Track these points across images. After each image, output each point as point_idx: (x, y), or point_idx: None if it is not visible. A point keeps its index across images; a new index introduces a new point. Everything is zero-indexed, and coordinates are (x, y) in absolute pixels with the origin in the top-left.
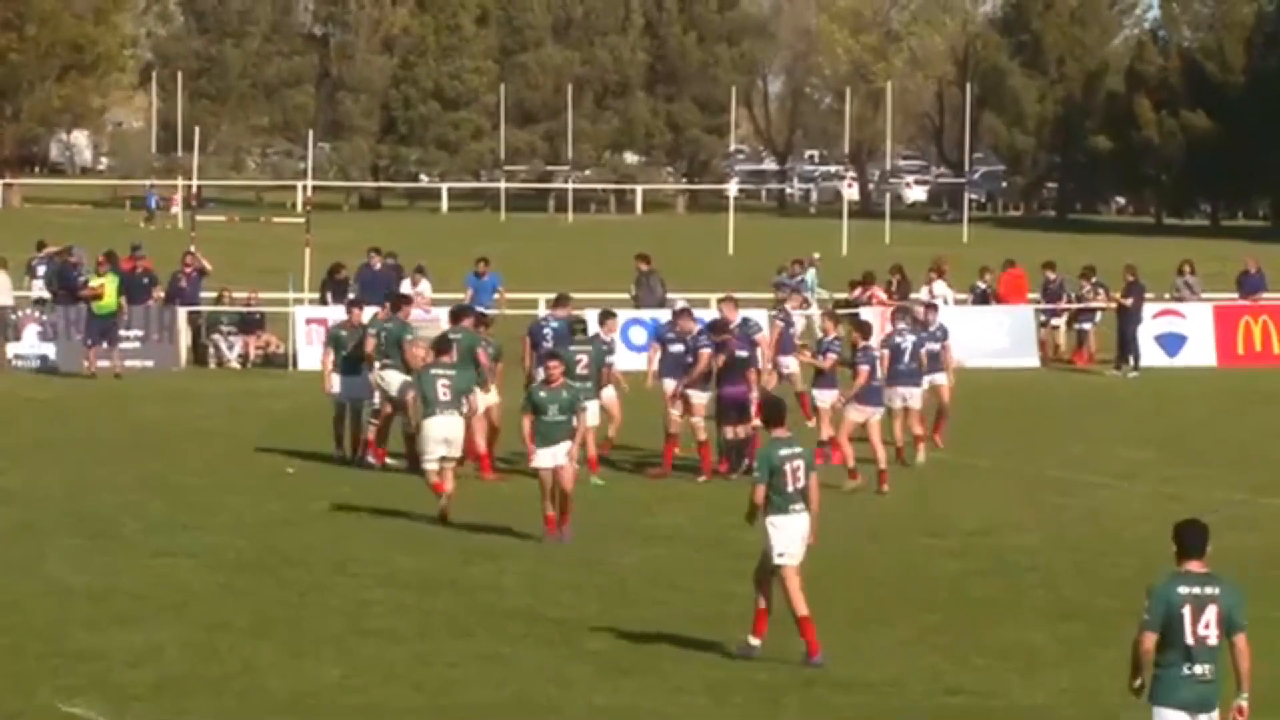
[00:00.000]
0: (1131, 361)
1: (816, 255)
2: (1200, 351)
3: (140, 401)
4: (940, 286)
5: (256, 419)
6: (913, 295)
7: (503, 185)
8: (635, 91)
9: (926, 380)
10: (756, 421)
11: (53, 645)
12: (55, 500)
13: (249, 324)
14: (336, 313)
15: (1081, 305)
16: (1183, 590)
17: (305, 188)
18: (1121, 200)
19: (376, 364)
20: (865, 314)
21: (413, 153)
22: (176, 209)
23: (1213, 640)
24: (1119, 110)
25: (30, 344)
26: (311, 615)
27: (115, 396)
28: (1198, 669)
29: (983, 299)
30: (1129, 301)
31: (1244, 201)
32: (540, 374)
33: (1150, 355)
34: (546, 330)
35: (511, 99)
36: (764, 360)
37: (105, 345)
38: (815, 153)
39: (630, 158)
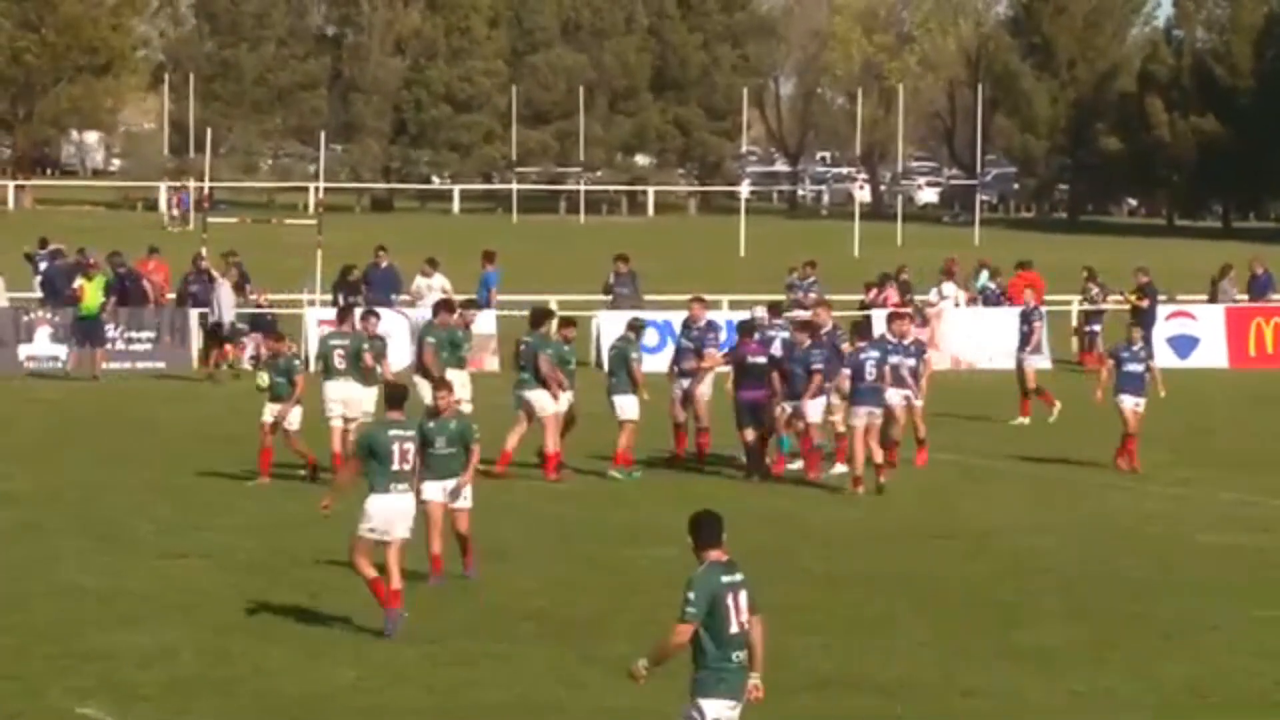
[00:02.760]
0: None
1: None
2: (1212, 353)
3: (151, 403)
4: (949, 288)
5: None
6: (918, 298)
7: (514, 187)
8: (643, 94)
9: (898, 395)
10: (786, 407)
11: (62, 646)
12: (65, 501)
13: (261, 326)
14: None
15: (1096, 307)
16: (724, 579)
17: (317, 189)
18: (1133, 202)
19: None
20: (876, 316)
21: (424, 154)
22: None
23: (746, 626)
24: (1131, 112)
25: (43, 345)
26: (323, 617)
27: (125, 398)
28: (739, 655)
29: (995, 300)
30: (1145, 303)
31: (1255, 203)
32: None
33: (1162, 357)
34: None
35: (523, 101)
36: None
37: (89, 347)
38: (827, 154)
39: (642, 160)
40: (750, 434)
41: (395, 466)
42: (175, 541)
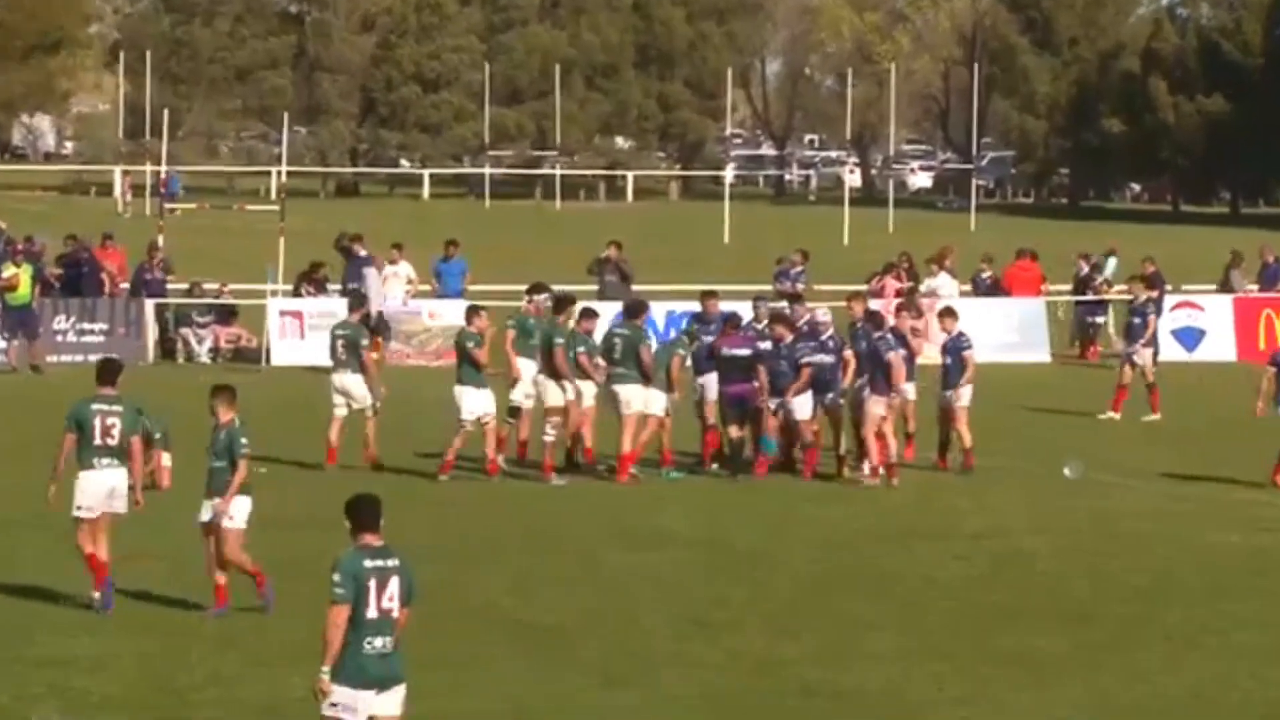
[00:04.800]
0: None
1: (1110, 251)
2: (1220, 345)
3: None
4: (943, 279)
5: None
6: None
7: (487, 171)
8: (625, 72)
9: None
10: (776, 404)
11: (13, 651)
12: (19, 500)
13: (220, 317)
14: (312, 305)
15: (1100, 297)
16: (368, 563)
17: (280, 173)
18: (1137, 187)
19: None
20: (875, 305)
21: (393, 137)
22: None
23: (395, 614)
24: (1134, 92)
25: None
26: (284, 621)
27: (74, 393)
28: (379, 642)
29: (990, 290)
30: (1154, 294)
31: (1265, 188)
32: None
33: (1167, 350)
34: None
35: (496, 80)
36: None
37: (24, 338)
38: (815, 137)
39: (621, 142)
40: (735, 430)
41: (98, 441)
42: (133, 543)
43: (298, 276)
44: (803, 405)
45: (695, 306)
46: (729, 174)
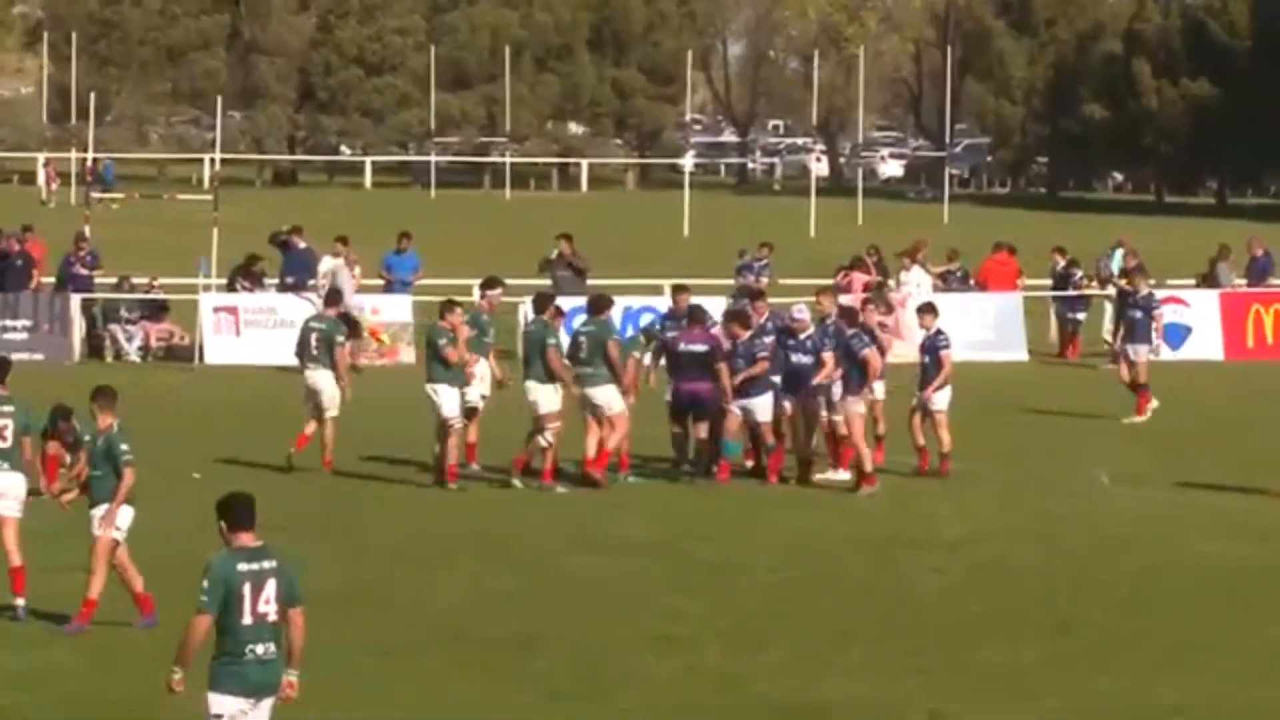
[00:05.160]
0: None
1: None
2: (1206, 344)
3: (28, 398)
4: (917, 273)
5: (159, 417)
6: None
7: (433, 159)
8: (579, 54)
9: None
10: (738, 406)
11: None
12: None
13: (151, 312)
14: (248, 300)
15: (1080, 293)
16: (242, 567)
17: (213, 161)
18: (1119, 176)
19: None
20: (844, 301)
21: (333, 122)
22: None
23: (273, 617)
24: (1116, 76)
25: None
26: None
27: None
28: (259, 649)
29: (962, 284)
30: (1144, 290)
31: (1253, 177)
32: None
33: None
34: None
35: (442, 63)
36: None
37: None
38: (780, 123)
39: (574, 128)
40: (678, 428)
41: None
42: (60, 554)
43: (233, 270)
44: (763, 407)
45: (652, 302)
46: (688, 162)
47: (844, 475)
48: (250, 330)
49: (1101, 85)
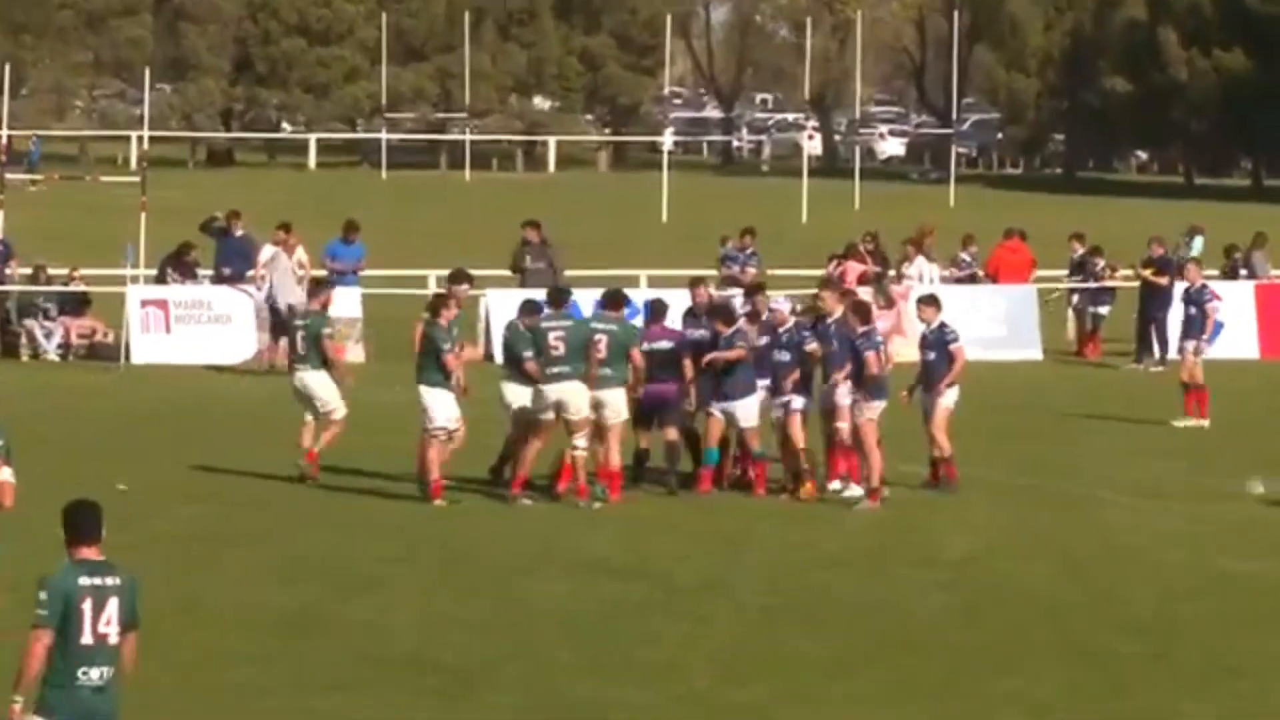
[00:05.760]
0: (1156, 352)
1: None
2: (1240, 340)
3: None
4: (921, 264)
5: (80, 423)
6: (890, 273)
7: (384, 136)
8: (545, 21)
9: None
10: (719, 410)
11: None
12: None
13: (71, 307)
14: (179, 293)
15: (1100, 284)
16: (84, 581)
17: (141, 139)
18: (1143, 156)
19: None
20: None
21: (273, 96)
22: None
23: (114, 639)
24: (1140, 45)
25: None
26: (151, 666)
27: None
28: (95, 674)
29: (971, 277)
30: (1164, 280)
31: None
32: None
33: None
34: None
35: (394, 32)
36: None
37: None
38: (768, 97)
39: (540, 103)
40: (644, 440)
41: None
42: None
43: (163, 260)
44: (747, 411)
45: (627, 295)
46: (667, 140)
47: (856, 490)
48: (182, 326)
49: (1124, 55)
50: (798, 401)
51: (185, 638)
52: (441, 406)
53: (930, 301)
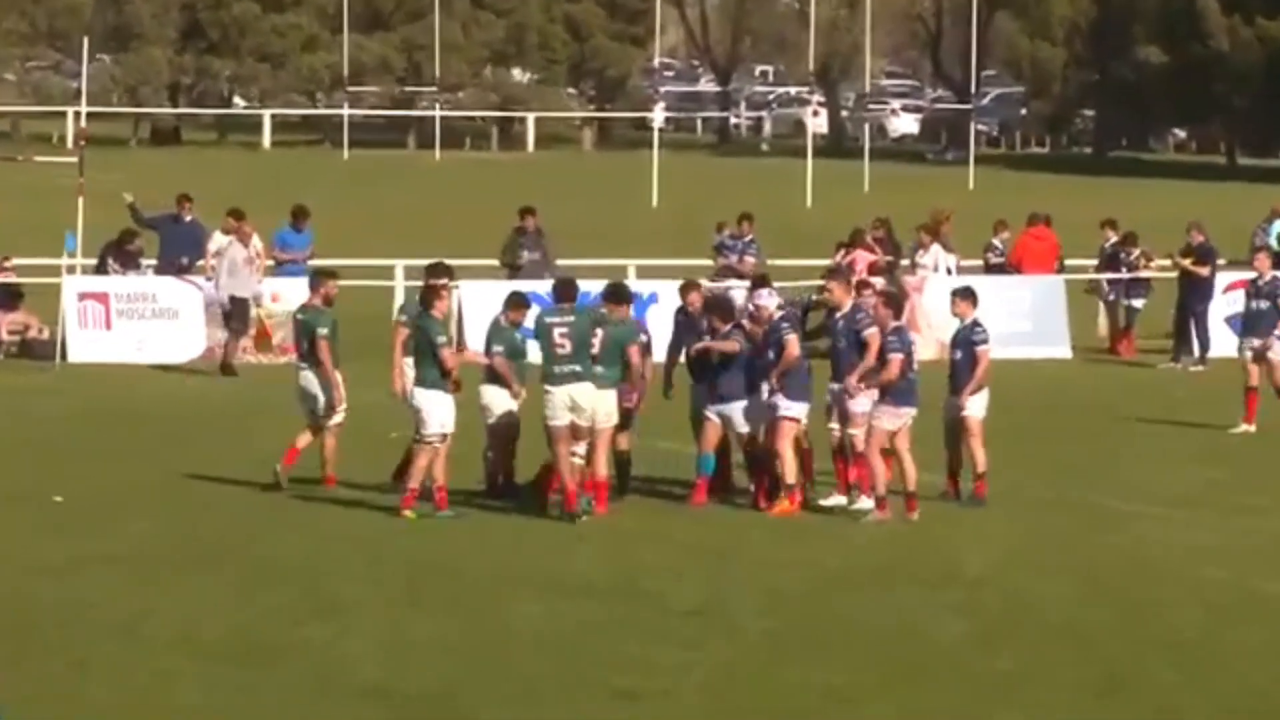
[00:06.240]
0: (1195, 350)
1: None
2: None
3: None
4: (937, 253)
5: (12, 428)
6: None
7: (345, 112)
8: None
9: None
10: (714, 413)
11: None
12: None
13: (1, 300)
14: (121, 285)
15: (1134, 275)
16: None
17: (79, 115)
18: (1181, 134)
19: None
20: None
21: (224, 67)
22: None
23: None
24: (1177, 12)
25: None
26: (92, 693)
27: None
28: None
29: (1002, 267)
30: (1205, 270)
31: None
32: None
33: (1220, 342)
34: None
35: None
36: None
37: None
38: (769, 69)
39: (518, 75)
40: (624, 441)
41: None
42: None
43: (103, 248)
44: (745, 413)
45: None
46: (658, 117)
47: (867, 503)
48: (124, 321)
49: (1160, 23)
50: (786, 405)
51: (127, 661)
52: (437, 411)
53: (966, 296)
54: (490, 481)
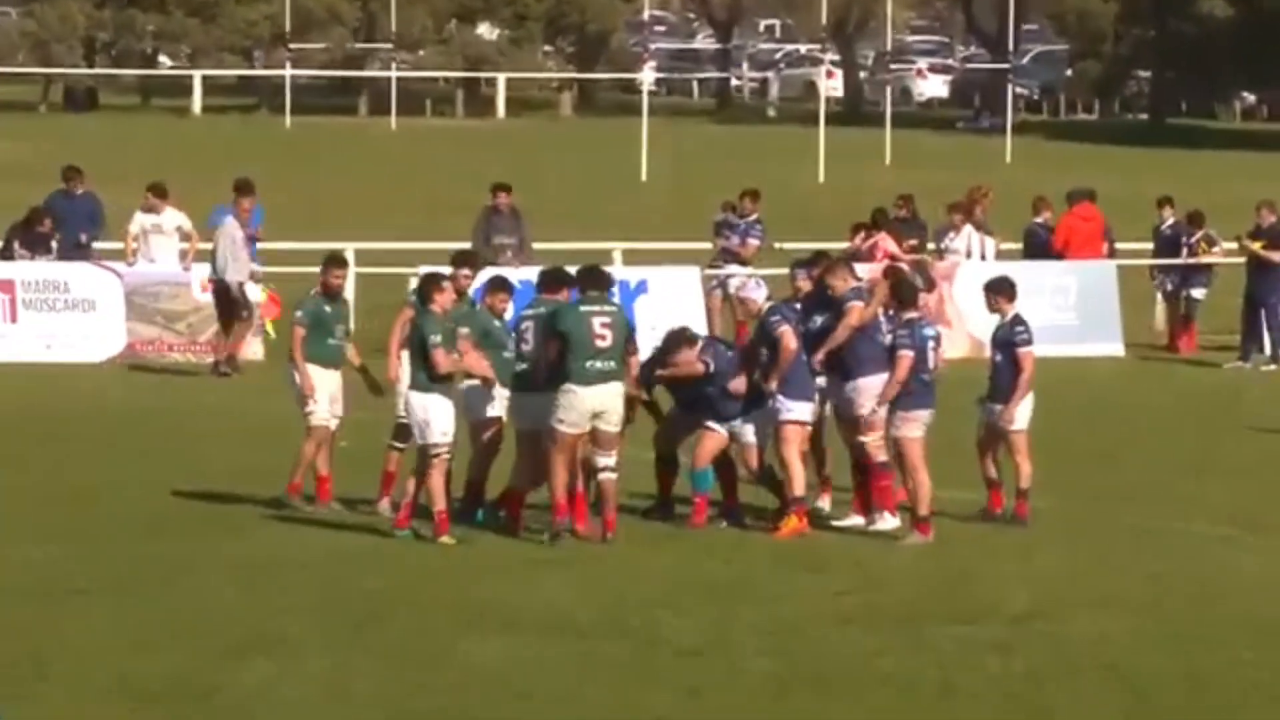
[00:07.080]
0: (1266, 348)
1: None
2: None
3: None
4: (970, 235)
5: None
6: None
7: (288, 73)
8: None
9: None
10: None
11: None
12: None
13: None
14: (28, 271)
15: (1196, 261)
16: None
17: None
18: (1250, 98)
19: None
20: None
21: (149, 21)
22: None
23: None
24: None
25: None
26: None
27: None
28: None
29: (1041, 251)
30: (1278, 256)
31: None
32: None
33: None
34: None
35: None
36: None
37: None
38: (775, 23)
39: (486, 32)
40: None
41: None
42: None
43: (8, 230)
44: (745, 427)
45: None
46: (648, 78)
47: (891, 521)
48: (31, 314)
49: None
50: (788, 407)
51: (31, 708)
52: (439, 416)
53: (1001, 290)
54: (471, 491)
